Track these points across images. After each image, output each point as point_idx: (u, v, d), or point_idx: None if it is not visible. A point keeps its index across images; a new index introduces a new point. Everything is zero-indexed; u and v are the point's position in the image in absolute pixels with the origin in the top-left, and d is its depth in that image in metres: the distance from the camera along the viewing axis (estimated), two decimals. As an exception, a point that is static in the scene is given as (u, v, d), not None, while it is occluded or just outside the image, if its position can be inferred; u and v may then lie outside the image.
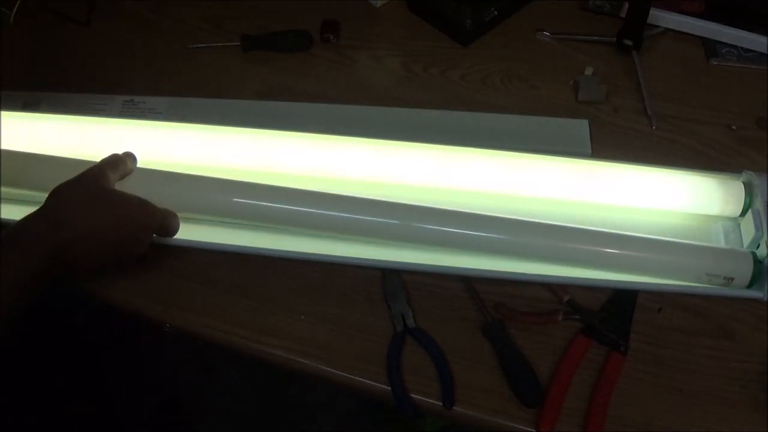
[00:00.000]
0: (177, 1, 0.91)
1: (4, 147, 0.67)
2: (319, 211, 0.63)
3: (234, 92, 0.80)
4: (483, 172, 0.67)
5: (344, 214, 0.62)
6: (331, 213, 0.62)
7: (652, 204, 0.66)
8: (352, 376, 0.60)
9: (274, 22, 0.87)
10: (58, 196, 0.58)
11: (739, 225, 0.66)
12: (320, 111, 0.78)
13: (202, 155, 0.69)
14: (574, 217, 0.64)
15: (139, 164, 0.65)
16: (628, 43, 0.83)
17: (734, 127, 0.77)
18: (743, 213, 0.65)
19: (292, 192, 0.63)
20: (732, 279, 0.60)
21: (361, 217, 0.62)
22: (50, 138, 0.70)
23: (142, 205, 0.60)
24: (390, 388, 0.59)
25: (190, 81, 0.82)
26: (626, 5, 0.85)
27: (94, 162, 0.62)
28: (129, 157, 0.64)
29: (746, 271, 0.60)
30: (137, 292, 0.65)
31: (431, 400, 0.58)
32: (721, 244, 0.65)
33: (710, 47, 0.84)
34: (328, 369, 0.61)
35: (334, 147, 0.68)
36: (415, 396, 0.59)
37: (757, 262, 0.60)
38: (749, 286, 0.61)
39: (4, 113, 0.70)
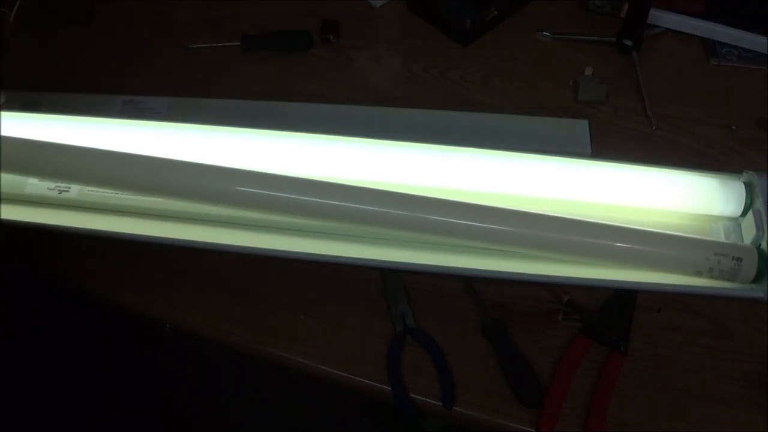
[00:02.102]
0: (177, 1, 0.91)
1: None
2: (321, 200, 0.62)
3: (234, 92, 0.80)
4: (483, 172, 0.66)
5: (346, 204, 0.61)
6: (333, 202, 0.62)
7: (652, 204, 0.66)
8: (352, 376, 0.60)
9: (274, 22, 0.87)
10: None
11: (739, 225, 0.66)
12: (320, 111, 0.78)
13: (202, 155, 0.69)
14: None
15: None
16: (628, 43, 0.83)
17: (734, 127, 0.77)
18: (744, 213, 0.65)
19: (294, 181, 0.63)
20: (741, 260, 0.59)
21: (361, 206, 0.62)
22: (50, 138, 0.70)
23: None
24: (390, 388, 0.59)
25: (190, 81, 0.82)
26: (626, 5, 0.85)
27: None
28: None
29: (752, 264, 0.60)
30: (137, 292, 0.65)
31: (431, 400, 0.59)
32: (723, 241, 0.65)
33: (710, 47, 0.84)
34: (328, 369, 0.61)
35: (334, 147, 0.68)
36: (415, 396, 0.59)
37: (763, 256, 0.60)
38: (754, 281, 0.61)
39: (4, 113, 0.70)
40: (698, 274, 0.61)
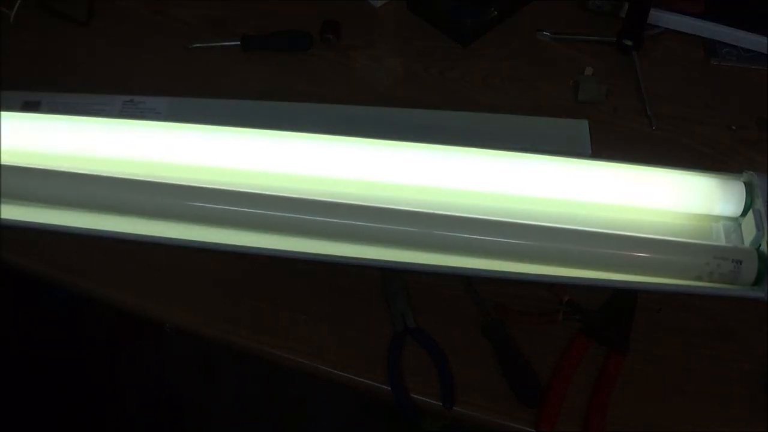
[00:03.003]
0: (177, 1, 0.91)
1: (4, 148, 0.67)
2: (319, 219, 0.62)
3: (234, 92, 0.80)
4: (483, 172, 0.66)
5: (337, 220, 0.62)
6: (327, 220, 0.62)
7: (652, 204, 0.66)
8: (352, 376, 0.60)
9: (274, 22, 0.87)
10: None
11: (740, 225, 0.66)
12: (320, 111, 0.78)
13: (202, 155, 0.69)
14: (574, 218, 0.64)
15: (139, 165, 0.64)
16: (628, 43, 0.83)
17: (734, 127, 0.77)
18: (744, 213, 0.65)
19: (292, 201, 0.63)
20: (740, 262, 0.59)
21: (354, 222, 0.62)
22: (50, 138, 0.70)
23: None
24: (390, 388, 0.59)
25: (190, 81, 0.82)
26: (626, 5, 0.85)
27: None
28: None
29: (752, 267, 0.60)
30: (137, 292, 0.65)
31: (431, 400, 0.59)
32: (722, 244, 0.65)
33: (710, 47, 0.84)
34: (328, 369, 0.61)
35: (334, 147, 0.68)
36: (415, 396, 0.59)
37: (763, 258, 0.60)
38: (754, 283, 0.60)
39: (4, 113, 0.70)
40: (698, 278, 0.61)
